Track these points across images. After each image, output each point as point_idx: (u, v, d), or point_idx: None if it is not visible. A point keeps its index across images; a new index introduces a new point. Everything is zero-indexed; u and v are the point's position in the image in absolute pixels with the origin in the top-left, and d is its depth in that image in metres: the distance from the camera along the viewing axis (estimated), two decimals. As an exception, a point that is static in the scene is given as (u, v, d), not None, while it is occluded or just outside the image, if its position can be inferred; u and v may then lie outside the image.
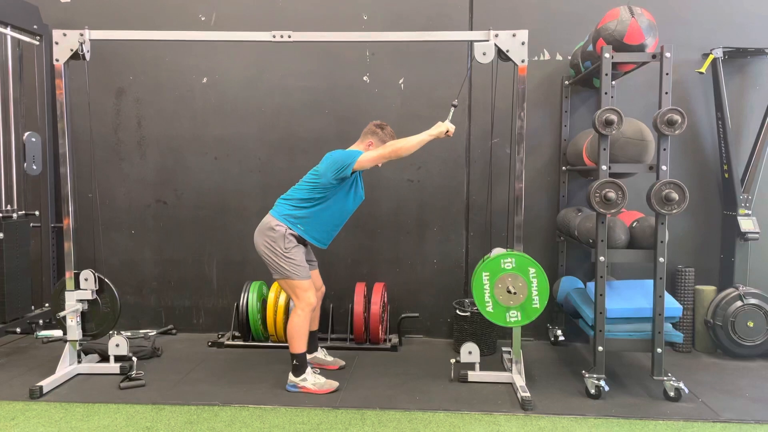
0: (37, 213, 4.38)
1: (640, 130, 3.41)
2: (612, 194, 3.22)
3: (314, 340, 3.80)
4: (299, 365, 3.43)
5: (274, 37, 3.51)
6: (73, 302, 3.67)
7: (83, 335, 3.75)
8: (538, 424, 3.06)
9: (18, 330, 4.33)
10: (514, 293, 3.35)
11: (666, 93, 3.27)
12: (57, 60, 3.52)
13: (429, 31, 4.09)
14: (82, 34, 3.49)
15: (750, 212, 4.10)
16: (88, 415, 3.15)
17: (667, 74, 3.26)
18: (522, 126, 3.48)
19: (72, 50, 3.50)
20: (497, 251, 3.53)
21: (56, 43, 3.51)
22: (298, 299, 3.44)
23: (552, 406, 3.26)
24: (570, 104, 4.31)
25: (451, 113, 3.50)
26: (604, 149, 3.31)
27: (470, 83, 4.37)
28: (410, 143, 3.38)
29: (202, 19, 4.49)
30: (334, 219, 3.49)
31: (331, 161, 3.38)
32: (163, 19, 4.49)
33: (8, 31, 4.13)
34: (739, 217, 4.09)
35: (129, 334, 4.21)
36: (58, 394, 3.41)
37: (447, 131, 3.42)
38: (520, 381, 3.47)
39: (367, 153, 3.39)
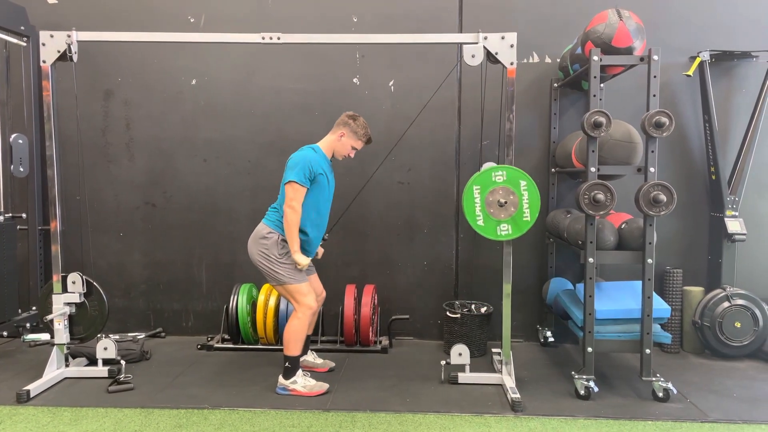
0: (24, 215, 4.34)
1: (629, 132, 3.43)
2: (601, 196, 3.24)
3: (306, 344, 3.78)
4: (291, 368, 3.42)
5: (263, 38, 3.50)
6: (61, 305, 3.65)
7: (71, 338, 3.72)
8: (528, 425, 3.06)
9: (4, 333, 4.31)
10: (505, 204, 3.31)
11: (654, 95, 3.29)
12: (44, 61, 3.49)
13: (418, 33, 4.09)
14: (69, 36, 3.47)
15: (737, 214, 4.14)
16: (76, 419, 3.12)
17: (654, 77, 3.29)
18: (511, 128, 3.49)
19: (59, 51, 3.48)
20: (488, 165, 3.50)
21: (43, 44, 3.48)
22: (298, 303, 3.43)
23: (542, 407, 3.27)
24: (559, 106, 4.33)
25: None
26: (593, 151, 3.33)
27: (459, 85, 4.38)
28: (289, 232, 3.33)
29: (191, 20, 4.47)
30: (318, 221, 3.51)
31: (286, 168, 3.42)
32: (151, 21, 4.46)
33: (-5, 32, 4.10)
34: (726, 219, 4.13)
35: (117, 337, 4.17)
36: (45, 398, 3.38)
37: (298, 263, 3.37)
38: (510, 382, 3.48)
39: (295, 188, 3.32)
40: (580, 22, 3.96)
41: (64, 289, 3.67)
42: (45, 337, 4.22)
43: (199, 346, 4.29)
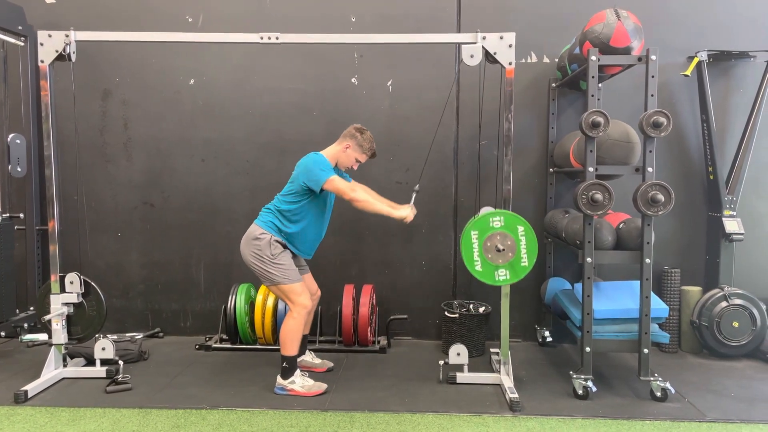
0: (21, 215, 4.34)
1: (627, 132, 3.44)
2: (599, 196, 3.24)
3: (303, 344, 3.79)
4: (289, 368, 3.42)
5: (261, 38, 3.49)
6: (59, 305, 3.64)
7: (69, 339, 3.71)
8: (527, 425, 3.07)
9: (2, 334, 4.30)
10: (503, 250, 3.33)
11: (652, 95, 3.30)
12: (42, 61, 3.49)
13: (417, 33, 4.09)
14: (67, 35, 3.46)
15: (734, 213, 4.15)
16: (74, 419, 3.12)
17: (652, 77, 3.29)
18: (509, 128, 3.49)
19: (57, 51, 3.47)
20: (486, 210, 3.52)
21: (41, 44, 3.48)
22: (292, 303, 3.43)
23: (540, 407, 3.27)
24: (557, 106, 4.33)
25: (413, 198, 3.59)
26: (591, 151, 3.33)
27: (458, 85, 4.38)
28: (372, 205, 3.41)
29: (189, 20, 4.47)
30: (315, 225, 3.51)
31: (302, 170, 3.40)
32: (149, 21, 4.46)
33: (-8, 32, 4.10)
34: (723, 218, 4.13)
35: (115, 337, 4.17)
36: (43, 399, 3.38)
37: (405, 218, 3.46)
38: (508, 382, 3.48)
39: (337, 181, 3.35)
40: (578, 22, 3.96)
41: (62, 290, 3.66)
42: (43, 337, 4.22)
43: (197, 347, 4.29)
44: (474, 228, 3.35)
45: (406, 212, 3.47)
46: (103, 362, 3.68)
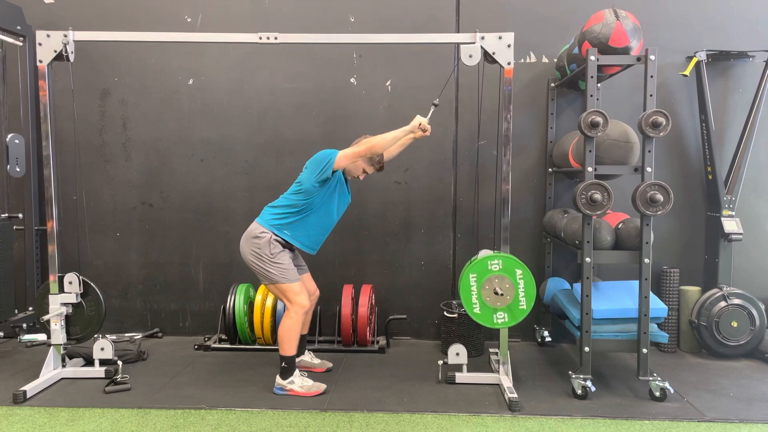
0: (20, 215, 4.33)
1: (626, 132, 3.44)
2: (598, 196, 3.24)
3: (302, 344, 3.79)
4: (288, 368, 3.42)
5: (260, 38, 3.49)
6: (57, 306, 3.64)
7: (67, 339, 3.71)
8: (526, 425, 3.07)
9: (1, 334, 4.30)
10: (501, 294, 3.36)
11: (650, 95, 3.30)
12: (41, 61, 3.49)
13: (416, 33, 4.09)
14: (66, 35, 3.46)
15: (733, 213, 4.15)
16: (73, 419, 3.11)
17: (651, 77, 3.29)
18: (508, 128, 3.49)
19: (56, 51, 3.47)
20: (484, 253, 3.54)
21: (40, 44, 3.47)
22: (290, 302, 3.43)
23: (539, 406, 3.27)
24: (556, 106, 4.33)
25: (431, 111, 3.46)
26: (590, 151, 3.33)
27: (457, 85, 4.38)
28: (385, 139, 3.35)
29: (188, 20, 4.46)
30: (321, 223, 3.49)
31: (311, 168, 3.40)
32: (148, 20, 4.46)
33: (-9, 31, 4.09)
34: (722, 218, 4.14)
35: (114, 337, 4.18)
36: (42, 399, 3.38)
37: (420, 125, 3.34)
38: (507, 382, 3.48)
39: (344, 151, 3.38)
40: (577, 21, 3.96)
41: (61, 290, 3.66)
42: (42, 337, 4.22)
43: (196, 347, 4.29)
44: (472, 271, 3.38)
45: (420, 120, 3.34)
46: (102, 362, 3.68)
